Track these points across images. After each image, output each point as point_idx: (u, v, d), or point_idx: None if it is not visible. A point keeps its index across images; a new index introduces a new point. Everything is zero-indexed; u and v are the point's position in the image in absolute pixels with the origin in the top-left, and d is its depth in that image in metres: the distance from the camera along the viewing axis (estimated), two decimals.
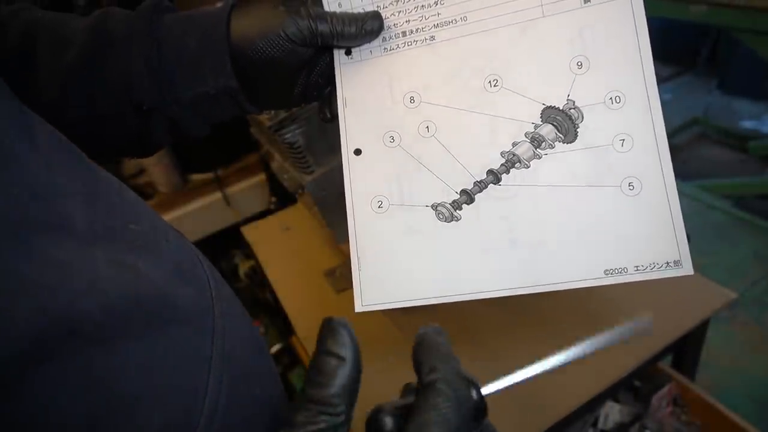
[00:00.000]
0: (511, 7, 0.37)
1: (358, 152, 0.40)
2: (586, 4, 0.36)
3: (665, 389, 0.81)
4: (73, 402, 0.21)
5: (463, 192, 0.37)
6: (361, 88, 0.40)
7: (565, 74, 0.36)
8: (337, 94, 0.40)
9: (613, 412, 0.83)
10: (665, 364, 0.86)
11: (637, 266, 0.34)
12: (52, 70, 0.36)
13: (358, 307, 0.38)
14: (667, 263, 0.33)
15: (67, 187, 0.25)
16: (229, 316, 0.31)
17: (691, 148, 2.49)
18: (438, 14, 0.39)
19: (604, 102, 0.35)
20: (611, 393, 0.79)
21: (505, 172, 0.37)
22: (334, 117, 0.41)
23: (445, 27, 0.39)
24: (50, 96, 0.36)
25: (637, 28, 0.35)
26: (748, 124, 2.53)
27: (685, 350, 0.85)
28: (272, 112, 0.73)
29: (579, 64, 0.36)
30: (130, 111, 0.37)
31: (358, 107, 0.40)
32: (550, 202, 0.36)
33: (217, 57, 0.36)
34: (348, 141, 0.40)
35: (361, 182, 0.39)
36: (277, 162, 0.91)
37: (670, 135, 2.52)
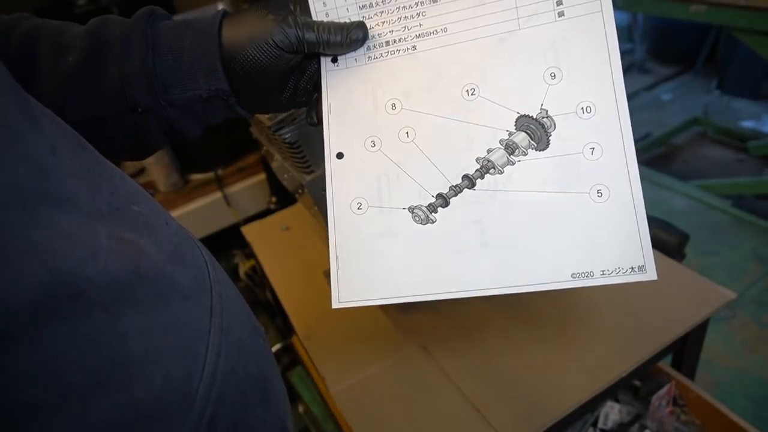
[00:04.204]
0: (489, 20, 0.39)
1: (340, 156, 0.41)
2: (560, 18, 0.38)
3: (665, 389, 0.81)
4: (81, 358, 0.23)
5: (439, 196, 0.39)
6: (346, 94, 0.42)
7: (539, 84, 0.38)
8: (322, 100, 0.42)
9: (613, 412, 0.83)
10: (665, 364, 0.86)
11: (603, 270, 0.35)
12: (52, 74, 0.37)
13: (335, 304, 0.40)
14: (632, 268, 0.35)
15: (71, 169, 0.26)
16: (227, 297, 0.33)
17: (691, 148, 2.50)
18: (420, 25, 0.41)
19: (576, 112, 0.37)
20: (611, 393, 0.79)
21: (479, 178, 0.38)
22: (320, 122, 0.42)
23: (426, 37, 0.40)
24: (50, 99, 0.36)
25: (608, 42, 0.36)
26: (747, 124, 2.53)
27: (685, 350, 0.85)
28: None
29: (552, 75, 0.37)
30: (127, 113, 0.39)
31: (342, 113, 0.42)
32: (522, 207, 0.37)
33: (210, 61, 0.38)
34: (331, 145, 0.42)
35: (342, 184, 0.41)
36: (277, 162, 0.91)
37: (670, 135, 2.53)
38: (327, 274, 0.97)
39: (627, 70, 3.21)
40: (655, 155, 2.45)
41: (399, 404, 0.73)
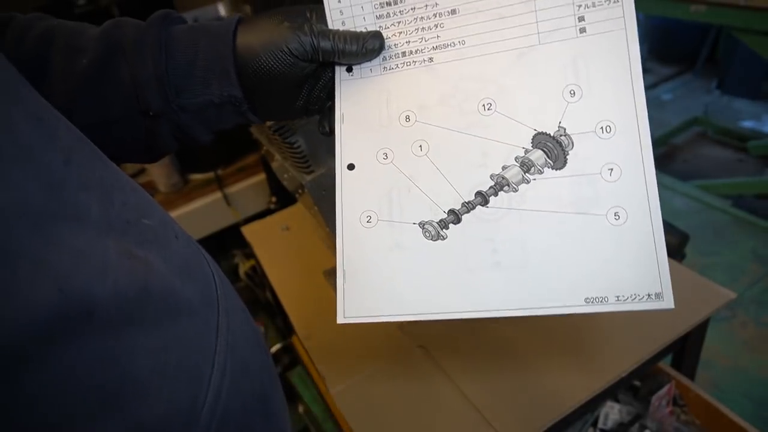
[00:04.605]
0: (508, 34, 0.38)
1: (351, 167, 0.41)
2: (582, 34, 0.37)
3: (665, 389, 0.81)
4: (90, 378, 0.23)
5: (451, 212, 0.38)
6: (359, 104, 0.41)
7: (558, 101, 0.37)
8: (336, 109, 0.41)
9: (613, 412, 0.83)
10: (665, 364, 0.86)
11: (618, 296, 0.34)
12: (65, 76, 0.37)
13: (340, 319, 0.39)
14: (648, 295, 0.34)
15: (84, 181, 0.26)
16: (232, 312, 0.33)
17: (691, 148, 2.50)
18: (437, 37, 0.40)
19: (595, 131, 0.36)
20: (611, 393, 0.79)
21: (493, 195, 0.37)
22: (332, 132, 0.42)
23: (443, 50, 0.40)
24: (62, 101, 0.36)
25: (631, 61, 0.35)
26: (747, 124, 2.53)
27: (685, 350, 0.85)
28: None
29: (572, 92, 0.36)
30: (137, 116, 0.39)
31: (355, 123, 0.41)
32: (536, 227, 0.36)
33: (223, 67, 0.38)
34: (342, 156, 0.41)
35: (352, 196, 0.40)
36: (277, 162, 0.91)
37: (670, 135, 2.53)
38: (327, 274, 0.97)
39: None
40: (655, 155, 2.44)
41: (399, 404, 0.73)
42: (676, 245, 0.93)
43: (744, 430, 0.75)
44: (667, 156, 2.46)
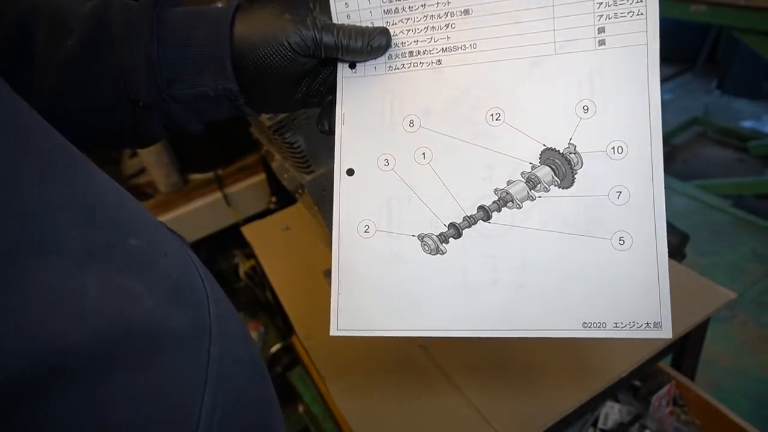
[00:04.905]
0: (524, 41, 0.36)
1: (350, 172, 0.39)
2: (600, 47, 0.35)
3: (665, 389, 0.81)
4: None
5: (452, 225, 0.37)
6: (361, 105, 0.39)
7: (570, 117, 0.35)
8: (336, 109, 0.40)
9: (613, 412, 0.83)
10: (665, 364, 0.86)
11: (616, 323, 0.33)
12: (50, 58, 0.35)
13: (333, 331, 0.38)
14: (647, 324, 0.33)
15: (61, 198, 0.23)
16: (226, 336, 0.30)
17: (691, 148, 2.50)
18: (447, 38, 0.38)
19: (606, 151, 0.34)
20: (611, 393, 0.79)
21: (496, 210, 0.36)
22: (332, 131, 0.40)
23: (453, 52, 0.38)
24: (46, 83, 0.35)
25: (650, 79, 0.34)
26: (747, 124, 2.53)
27: (685, 350, 0.85)
28: None
29: (585, 108, 0.35)
30: (126, 105, 0.36)
31: (356, 125, 0.39)
32: (538, 247, 0.35)
33: (219, 59, 0.36)
34: (342, 160, 0.39)
35: (350, 204, 0.39)
36: (277, 162, 0.91)
37: (670, 135, 2.52)
38: (327, 274, 0.97)
39: None
40: None
41: (399, 404, 0.73)
42: (676, 245, 0.93)
43: (744, 430, 0.75)
44: (667, 156, 2.46)
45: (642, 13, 0.34)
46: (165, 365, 0.25)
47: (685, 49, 3.01)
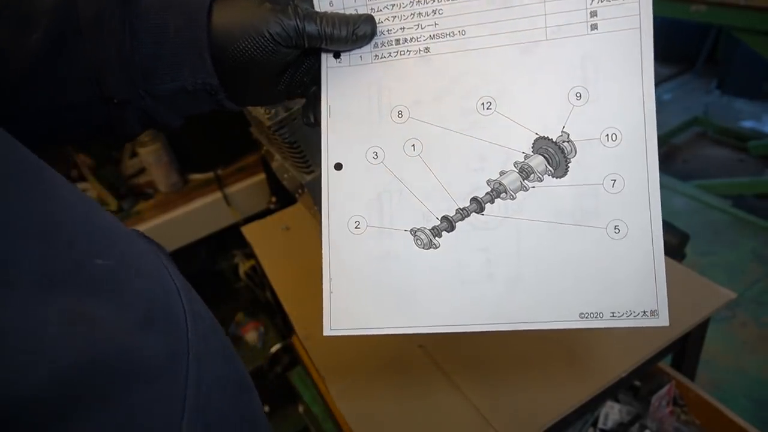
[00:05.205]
0: (513, 26, 0.35)
1: (338, 167, 0.38)
2: (593, 31, 0.34)
3: (665, 389, 0.81)
4: None
5: (444, 219, 0.36)
6: (348, 96, 0.38)
7: (563, 104, 0.34)
8: (322, 101, 0.38)
9: (613, 412, 0.83)
10: (665, 364, 0.86)
11: (613, 312, 0.33)
12: (13, 51, 0.32)
13: (326, 331, 0.37)
14: (644, 312, 0.33)
15: (18, 220, 0.21)
16: (206, 356, 0.28)
17: (691, 148, 2.50)
18: (435, 24, 0.37)
19: (600, 138, 0.34)
20: (611, 393, 0.79)
21: (489, 202, 0.35)
22: (318, 123, 0.39)
23: (441, 39, 0.37)
24: (10, 79, 0.33)
25: (643, 64, 0.33)
26: (747, 124, 2.53)
27: (685, 350, 0.85)
28: (272, 111, 0.73)
29: (578, 95, 0.34)
30: (99, 103, 0.34)
31: (343, 117, 0.38)
32: (533, 238, 0.35)
33: (197, 52, 0.34)
34: (329, 154, 0.38)
35: (339, 200, 0.38)
36: (277, 162, 0.91)
37: (670, 135, 2.53)
38: None
39: None
40: None
41: (399, 404, 0.73)
42: (676, 245, 0.93)
43: (744, 430, 0.75)
44: (667, 156, 2.46)
45: None
46: (137, 398, 0.23)
47: (685, 49, 3.01)
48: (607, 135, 0.34)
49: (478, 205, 0.36)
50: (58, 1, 0.33)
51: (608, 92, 0.34)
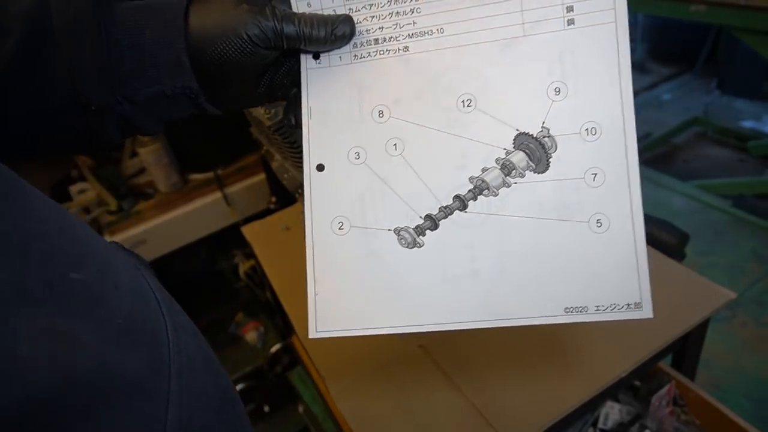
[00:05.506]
0: (491, 23, 0.35)
1: (320, 168, 0.38)
2: (570, 26, 0.34)
3: (665, 389, 0.81)
4: None
5: (428, 217, 0.36)
6: (328, 97, 0.38)
7: (542, 100, 0.35)
8: (302, 102, 0.38)
9: (613, 412, 0.83)
10: (665, 364, 0.86)
11: (597, 306, 0.33)
12: None
13: (312, 334, 0.37)
14: (628, 305, 0.33)
15: None
16: (189, 370, 0.27)
17: (691, 148, 2.50)
18: (413, 23, 0.37)
19: (580, 133, 0.34)
20: (611, 393, 0.79)
21: (472, 199, 0.35)
22: (299, 125, 0.39)
23: (420, 38, 0.37)
24: None
25: (620, 58, 0.33)
26: (747, 124, 2.53)
27: (685, 350, 0.85)
28: (272, 111, 0.73)
29: (557, 90, 0.34)
30: (76, 110, 0.34)
31: (324, 118, 0.38)
32: (516, 234, 0.35)
33: (174, 55, 0.33)
34: (311, 155, 0.38)
35: (322, 201, 0.38)
36: (277, 162, 0.91)
37: (670, 135, 2.53)
38: None
39: None
40: (655, 155, 2.45)
41: (399, 404, 0.73)
42: (676, 245, 0.93)
43: (744, 430, 0.75)
44: (667, 156, 2.46)
45: None
46: (117, 414, 0.22)
47: (685, 49, 3.01)
48: (587, 129, 0.34)
49: (461, 202, 0.36)
50: (30, 6, 0.32)
51: (586, 87, 0.34)
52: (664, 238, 0.93)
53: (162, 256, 1.36)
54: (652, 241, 0.90)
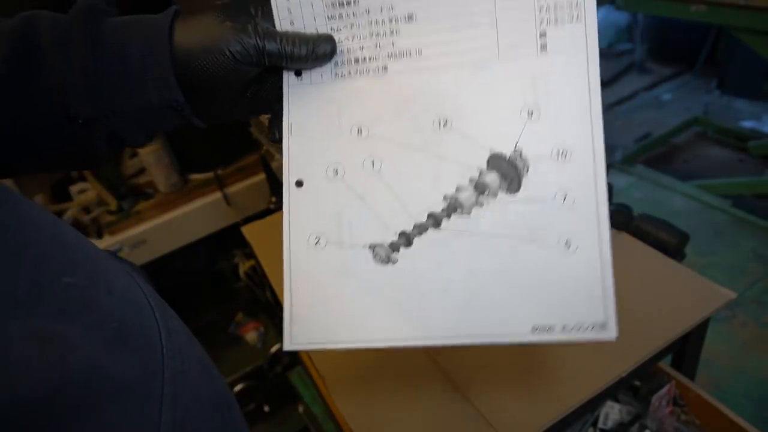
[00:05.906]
0: (467, 45, 0.36)
1: (299, 184, 0.38)
2: (542, 53, 0.35)
3: (665, 389, 0.81)
4: None
5: (402, 234, 0.36)
6: (309, 114, 0.39)
7: (515, 122, 0.35)
8: (283, 118, 0.39)
9: (613, 412, 0.83)
10: (665, 364, 0.86)
11: (564, 326, 0.34)
12: None
13: (287, 346, 0.37)
14: (593, 326, 0.33)
15: None
16: (182, 374, 0.27)
17: (691, 148, 2.50)
18: (393, 44, 0.38)
19: (551, 155, 0.35)
20: (611, 393, 0.79)
21: (445, 217, 0.36)
22: (281, 140, 0.39)
23: (399, 59, 0.38)
24: None
25: (590, 84, 0.34)
26: (747, 124, 2.53)
27: (685, 350, 0.85)
28: None
29: (530, 112, 0.35)
30: (64, 124, 0.34)
31: (304, 134, 0.39)
32: (486, 253, 0.35)
33: (160, 70, 0.34)
34: (290, 170, 0.39)
35: (300, 216, 0.38)
36: (277, 162, 0.91)
37: (670, 135, 2.53)
38: None
39: (627, 70, 3.21)
40: (655, 155, 2.45)
41: (399, 404, 0.73)
42: (676, 245, 0.93)
43: (744, 430, 0.75)
44: (667, 156, 2.46)
45: (580, 18, 0.34)
46: (109, 418, 0.22)
47: (685, 49, 3.01)
48: (558, 151, 0.35)
49: (434, 220, 0.36)
50: (16, 23, 0.33)
51: (557, 110, 0.35)
52: (664, 238, 0.93)
53: (162, 256, 1.36)
54: (652, 241, 0.90)
